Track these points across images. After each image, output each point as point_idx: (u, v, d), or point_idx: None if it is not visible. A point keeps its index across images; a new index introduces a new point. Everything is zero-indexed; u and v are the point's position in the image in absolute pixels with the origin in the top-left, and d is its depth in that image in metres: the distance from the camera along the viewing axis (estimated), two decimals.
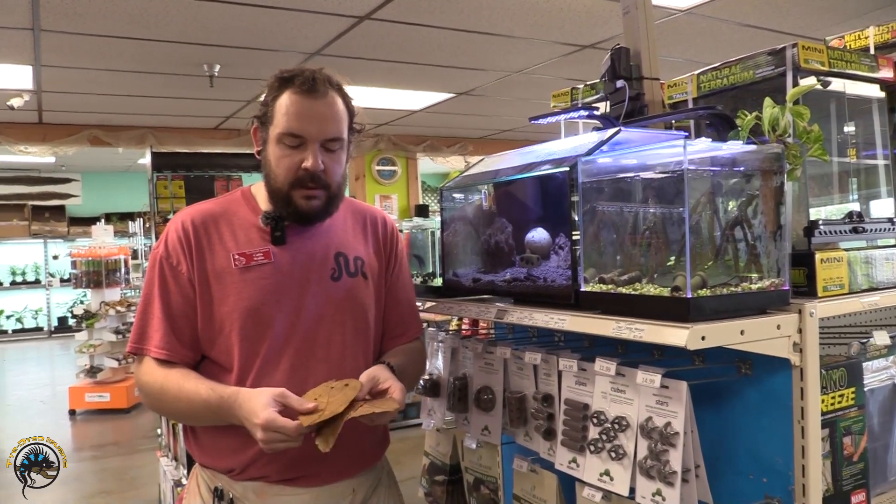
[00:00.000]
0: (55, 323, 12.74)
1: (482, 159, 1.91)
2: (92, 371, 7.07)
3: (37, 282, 12.65)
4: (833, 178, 1.63)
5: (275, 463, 1.50)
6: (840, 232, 1.42)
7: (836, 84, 1.52)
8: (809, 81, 1.41)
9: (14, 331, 12.48)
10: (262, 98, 1.55)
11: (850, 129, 1.65)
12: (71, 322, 11.78)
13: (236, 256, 1.53)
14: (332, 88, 1.52)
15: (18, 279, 12.59)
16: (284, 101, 1.49)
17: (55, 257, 12.52)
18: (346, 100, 1.56)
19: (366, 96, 6.34)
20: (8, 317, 12.45)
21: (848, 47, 1.88)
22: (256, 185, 1.65)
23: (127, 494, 4.70)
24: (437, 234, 1.95)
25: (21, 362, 10.41)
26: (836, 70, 1.47)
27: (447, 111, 7.51)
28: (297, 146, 1.49)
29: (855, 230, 1.44)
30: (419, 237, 2.18)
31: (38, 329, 12.66)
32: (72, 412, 6.86)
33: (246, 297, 1.50)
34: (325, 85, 1.51)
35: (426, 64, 5.52)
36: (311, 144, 1.49)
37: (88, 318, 7.26)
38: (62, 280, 12.02)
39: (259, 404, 1.35)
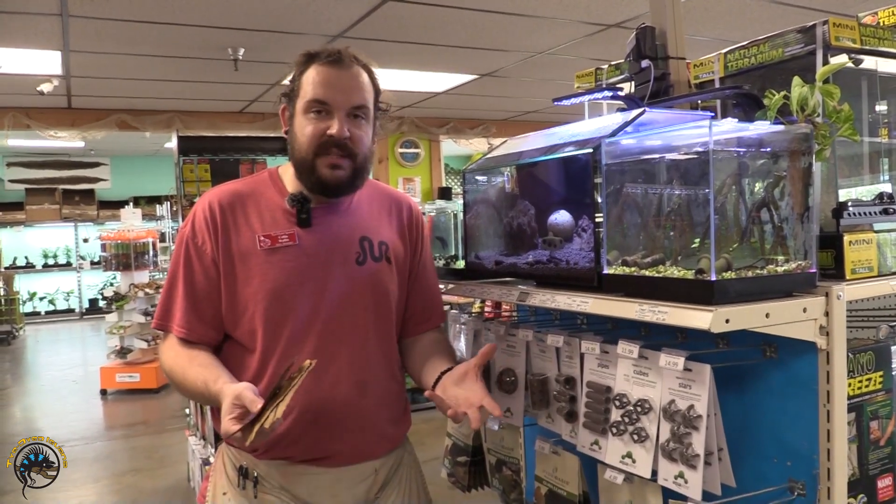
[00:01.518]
0: (86, 305, 13.00)
1: (505, 141, 1.90)
2: (122, 352, 7.21)
3: (68, 264, 12.90)
4: (863, 158, 1.59)
5: (298, 443, 1.52)
6: (870, 213, 1.39)
7: (868, 62, 1.48)
8: (840, 59, 1.38)
9: (47, 312, 12.76)
10: (288, 78, 1.56)
11: (881, 108, 1.60)
12: (101, 304, 12.03)
13: (261, 238, 1.54)
14: (358, 64, 1.54)
15: (50, 262, 12.84)
16: (311, 72, 1.51)
17: (85, 240, 12.74)
18: (372, 75, 1.58)
19: (389, 78, 6.30)
20: (41, 299, 12.72)
21: (881, 24, 1.83)
22: (284, 167, 1.66)
23: (157, 472, 4.80)
24: (460, 216, 1.94)
25: (54, 343, 10.66)
26: (868, 47, 1.43)
27: (470, 93, 7.47)
28: (322, 115, 1.50)
29: (885, 211, 1.41)
30: (442, 219, 2.18)
31: (70, 311, 12.93)
32: (103, 392, 7.01)
33: (270, 279, 1.52)
34: (351, 59, 1.53)
35: (449, 45, 5.48)
36: (337, 112, 1.50)
37: (118, 300, 7.40)
38: (92, 263, 12.22)
39: (223, 411, 1.31)
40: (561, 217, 1.47)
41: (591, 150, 1.37)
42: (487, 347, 1.48)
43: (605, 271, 1.35)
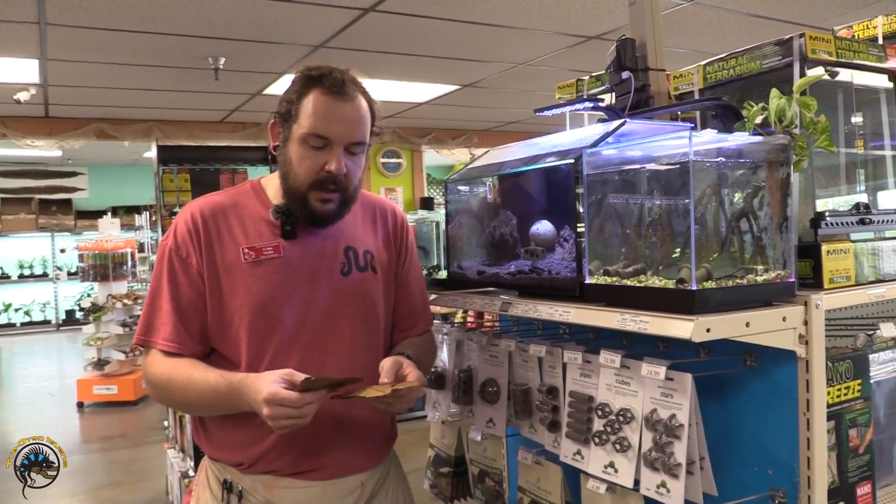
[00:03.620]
0: (63, 316, 12.81)
1: (487, 151, 1.90)
2: (99, 364, 7.11)
3: (44, 275, 12.71)
4: (840, 169, 1.61)
5: (284, 456, 1.50)
6: (847, 223, 1.41)
7: (844, 74, 1.50)
8: (817, 72, 1.40)
9: (22, 324, 12.56)
10: (284, 94, 1.52)
11: (857, 119, 1.63)
12: (78, 315, 11.84)
13: (246, 250, 1.52)
14: (359, 91, 1.51)
15: (26, 272, 12.65)
16: (311, 101, 1.47)
17: (62, 251, 12.57)
18: (371, 102, 1.55)
19: (371, 88, 6.32)
20: (16, 310, 12.52)
21: (856, 37, 1.87)
22: (266, 179, 1.64)
23: (135, 486, 4.73)
24: (442, 226, 1.94)
25: (29, 355, 10.48)
26: (843, 60, 1.46)
27: (452, 103, 7.50)
28: (320, 147, 1.48)
29: (862, 221, 1.43)
30: (424, 230, 2.18)
31: (46, 322, 12.73)
32: (80, 404, 6.91)
33: (255, 292, 1.50)
34: (353, 87, 1.49)
35: (431, 56, 5.50)
36: (336, 147, 1.48)
37: (96, 311, 7.31)
38: (69, 273, 12.04)
39: (264, 382, 1.34)
40: (543, 227, 1.48)
41: (572, 161, 1.38)
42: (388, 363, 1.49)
43: (587, 281, 1.35)
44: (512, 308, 1.51)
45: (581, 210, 1.37)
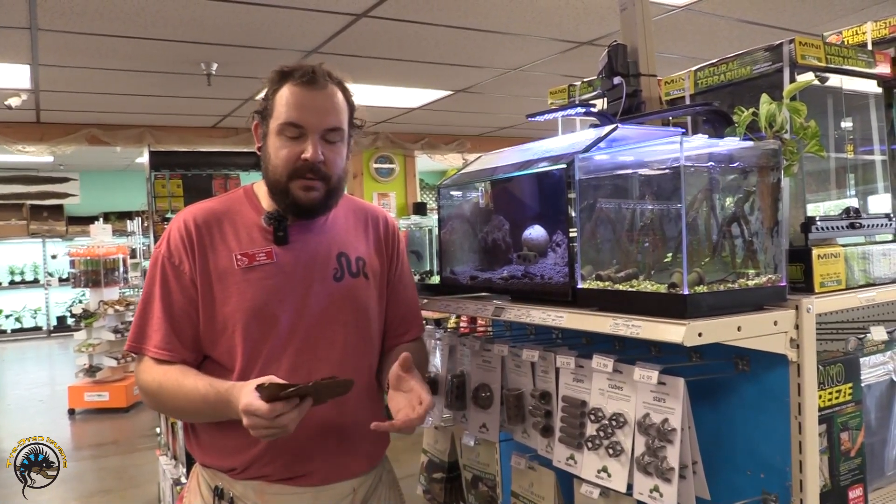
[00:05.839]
0: (54, 322, 12.73)
1: (480, 157, 1.91)
2: (91, 370, 7.07)
3: (35, 281, 12.64)
4: (830, 173, 1.62)
5: (275, 462, 1.50)
6: (837, 228, 1.42)
7: (834, 80, 1.51)
8: (806, 77, 1.41)
9: (13, 330, 12.47)
10: (262, 94, 1.55)
11: (847, 124, 1.64)
12: (70, 321, 11.78)
13: (239, 256, 1.52)
14: (332, 82, 1.53)
15: (17, 279, 12.57)
16: (284, 92, 1.49)
17: (54, 257, 12.50)
18: (346, 94, 1.57)
19: (363, 94, 6.33)
20: (7, 316, 12.43)
21: (846, 43, 1.88)
22: (258, 184, 1.65)
23: (126, 493, 4.70)
24: (435, 231, 1.94)
25: (20, 362, 10.41)
26: (833, 66, 1.47)
27: (445, 108, 7.51)
28: (296, 137, 1.49)
29: (852, 226, 1.44)
30: (417, 235, 2.18)
31: (37, 328, 12.64)
32: (71, 411, 6.86)
33: (249, 298, 1.50)
34: (325, 78, 1.51)
35: (423, 61, 5.51)
36: (311, 135, 1.49)
37: (87, 317, 7.26)
38: (61, 279, 12.01)
39: (245, 392, 1.33)
40: (535, 232, 1.48)
41: (564, 166, 1.38)
42: (403, 356, 1.49)
43: (580, 286, 1.35)
44: (504, 313, 1.51)
45: (573, 215, 1.37)
